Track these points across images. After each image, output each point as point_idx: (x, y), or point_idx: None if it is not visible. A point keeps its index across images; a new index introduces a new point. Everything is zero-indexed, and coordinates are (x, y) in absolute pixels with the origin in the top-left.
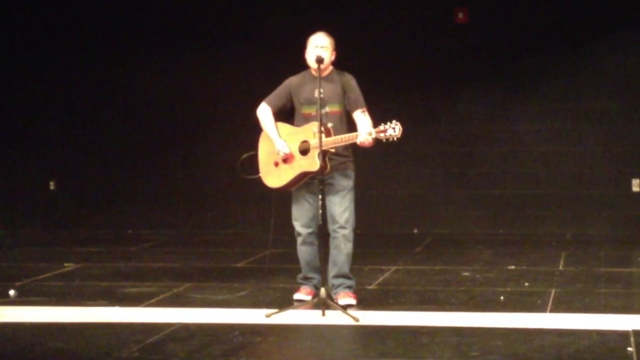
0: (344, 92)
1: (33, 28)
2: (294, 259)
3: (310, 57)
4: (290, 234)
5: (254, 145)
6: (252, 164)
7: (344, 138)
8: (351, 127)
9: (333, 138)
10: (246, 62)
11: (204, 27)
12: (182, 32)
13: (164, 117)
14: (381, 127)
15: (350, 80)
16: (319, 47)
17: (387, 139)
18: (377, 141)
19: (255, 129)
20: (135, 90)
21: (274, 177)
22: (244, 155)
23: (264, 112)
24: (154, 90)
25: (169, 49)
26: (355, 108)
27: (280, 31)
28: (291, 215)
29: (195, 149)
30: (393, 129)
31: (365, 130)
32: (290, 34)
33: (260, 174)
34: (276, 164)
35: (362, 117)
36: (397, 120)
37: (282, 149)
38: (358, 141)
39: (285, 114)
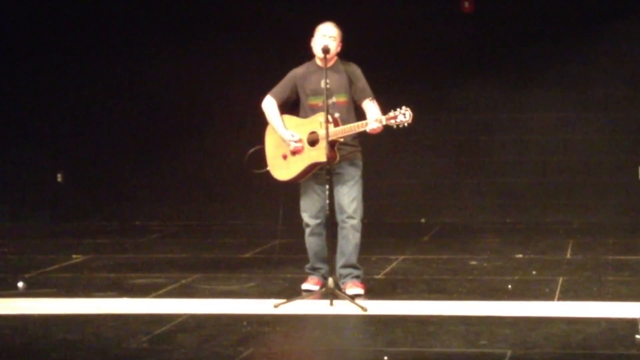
0: (351, 81)
1: (40, 20)
2: (302, 249)
3: (318, 45)
4: (297, 224)
5: (261, 136)
6: (260, 158)
7: (353, 127)
8: (359, 116)
9: (342, 127)
10: (254, 54)
11: (211, 19)
12: (190, 25)
13: (171, 109)
14: (391, 114)
15: (356, 70)
16: (328, 36)
17: (397, 125)
18: (386, 127)
19: (262, 120)
20: (142, 83)
21: (282, 170)
22: (251, 150)
23: (270, 105)
24: (161, 83)
25: (177, 41)
26: (364, 97)
27: (288, 23)
28: (299, 206)
29: (202, 140)
30: (403, 115)
31: (375, 117)
32: (298, 26)
33: (269, 168)
34: (284, 157)
35: (371, 106)
36: None
37: (292, 139)
38: (368, 129)
39: (289, 106)
